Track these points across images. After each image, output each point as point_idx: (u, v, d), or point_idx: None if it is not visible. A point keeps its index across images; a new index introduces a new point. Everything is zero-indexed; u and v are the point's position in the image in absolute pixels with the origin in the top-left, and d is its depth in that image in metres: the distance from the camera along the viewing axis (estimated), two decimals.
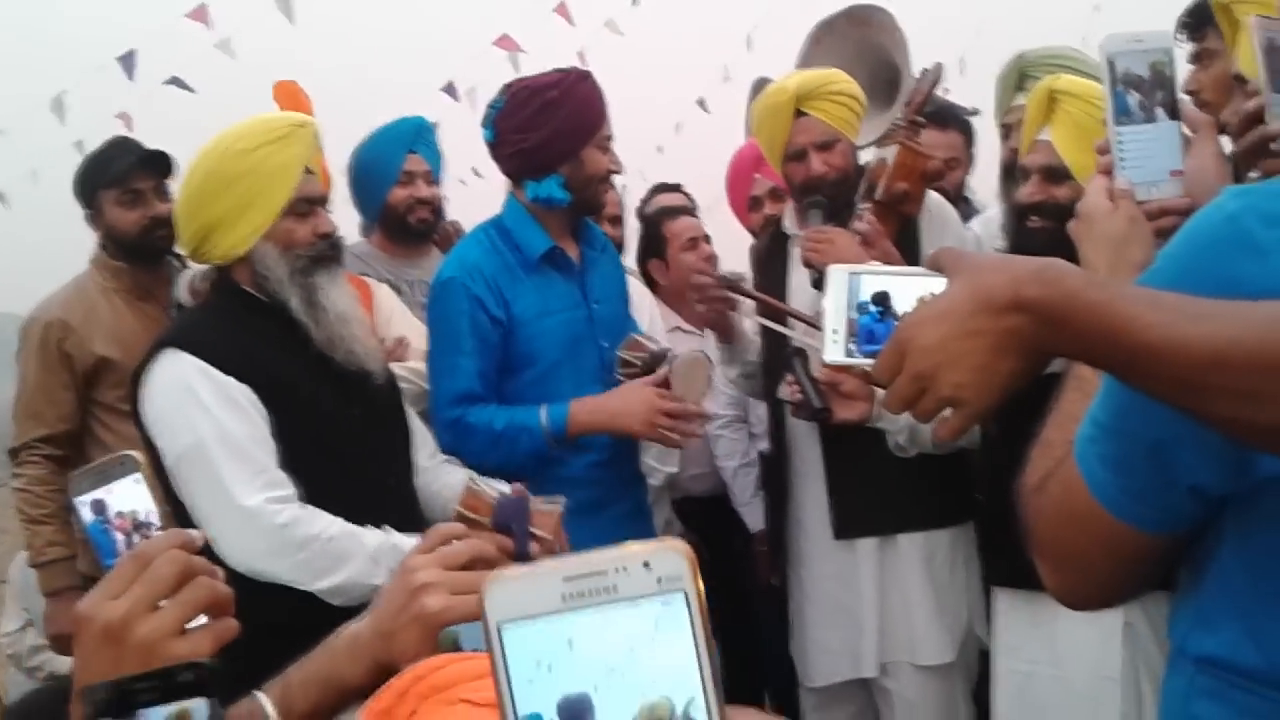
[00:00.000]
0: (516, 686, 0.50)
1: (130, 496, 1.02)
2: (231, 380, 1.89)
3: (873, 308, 1.04)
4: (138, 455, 1.03)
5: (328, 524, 1.87)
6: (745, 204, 3.17)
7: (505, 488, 2.03)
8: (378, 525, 1.94)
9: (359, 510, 1.94)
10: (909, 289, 1.02)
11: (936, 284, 0.97)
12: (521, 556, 1.95)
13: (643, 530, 2.55)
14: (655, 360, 2.35)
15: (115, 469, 1.02)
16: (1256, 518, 0.96)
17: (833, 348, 1.05)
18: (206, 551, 0.93)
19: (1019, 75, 2.58)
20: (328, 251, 2.05)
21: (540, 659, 0.50)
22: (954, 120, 3.18)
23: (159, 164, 2.84)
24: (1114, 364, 0.90)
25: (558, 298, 2.41)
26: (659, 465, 2.81)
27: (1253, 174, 1.37)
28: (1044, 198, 2.13)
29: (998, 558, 2.27)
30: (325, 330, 2.00)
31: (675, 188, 3.67)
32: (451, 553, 0.99)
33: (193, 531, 0.94)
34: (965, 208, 3.05)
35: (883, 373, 0.96)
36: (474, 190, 4.86)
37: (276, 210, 1.97)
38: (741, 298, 2.52)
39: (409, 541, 1.90)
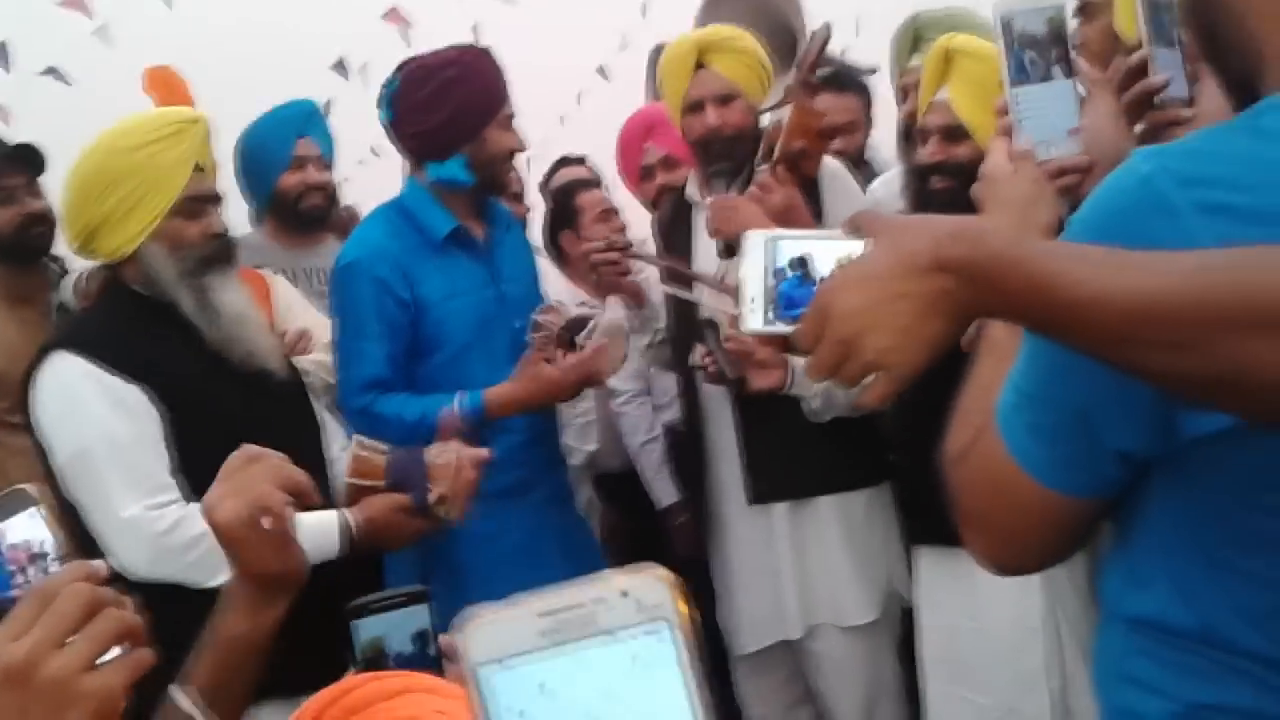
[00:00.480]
0: None
1: (27, 530, 0.98)
2: (120, 382, 1.85)
3: (791, 273, 1.01)
4: (31, 489, 1.00)
5: None
6: (637, 173, 3.11)
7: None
8: None
9: None
10: (828, 252, 1.00)
11: (856, 247, 0.95)
12: (421, 509, 1.94)
13: (567, 512, 2.52)
14: (574, 326, 2.32)
15: (9, 503, 0.98)
16: (1183, 479, 0.97)
17: (751, 316, 1.02)
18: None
19: (914, 37, 2.58)
20: (220, 251, 2.00)
21: (521, 702, 0.47)
22: (851, 84, 3.17)
23: (28, 159, 2.70)
24: (1041, 321, 0.88)
25: (465, 279, 2.36)
26: (578, 445, 2.78)
27: (1137, 128, 1.36)
28: (944, 158, 2.13)
29: (916, 517, 2.30)
30: (220, 332, 1.96)
31: (580, 160, 3.60)
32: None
33: (97, 562, 0.91)
34: (866, 170, 3.05)
35: (804, 339, 0.94)
36: (373, 170, 4.75)
37: (164, 209, 1.92)
38: (639, 262, 2.49)
39: (305, 520, 1.86)
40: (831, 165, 2.55)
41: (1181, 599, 0.99)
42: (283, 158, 2.86)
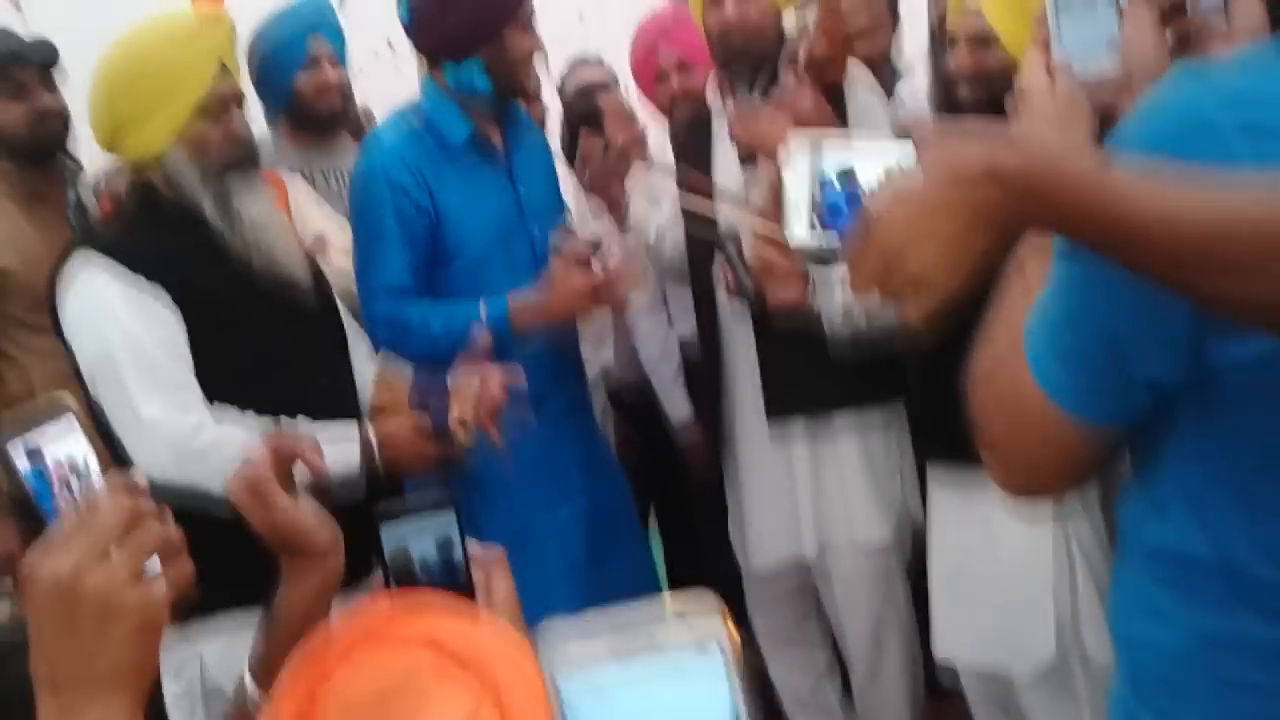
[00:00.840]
0: None
1: (65, 442, 0.97)
2: (143, 280, 1.84)
3: (838, 184, 0.99)
4: (67, 397, 0.99)
5: (233, 426, 1.85)
6: (651, 78, 3.02)
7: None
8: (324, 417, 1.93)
9: (291, 406, 1.93)
10: (875, 160, 0.98)
11: (904, 154, 0.94)
12: (440, 432, 1.94)
13: (584, 423, 2.52)
14: (590, 249, 2.29)
15: (45, 412, 0.98)
16: (1212, 408, 0.95)
17: (797, 224, 1.00)
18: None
19: None
20: (243, 155, 1.97)
21: (594, 707, 0.56)
22: None
23: (40, 53, 2.65)
24: (1099, 237, 0.86)
25: (483, 185, 2.32)
26: (593, 356, 2.77)
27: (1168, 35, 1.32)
28: (973, 66, 2.07)
29: (929, 434, 2.29)
30: (242, 238, 1.94)
31: (598, 62, 3.51)
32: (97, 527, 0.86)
33: (136, 473, 0.92)
34: (891, 73, 2.96)
35: (849, 250, 0.92)
36: (387, 64, 4.66)
37: (189, 107, 1.89)
38: (652, 172, 2.45)
39: (325, 432, 1.87)
40: (855, 71, 2.48)
41: (1201, 528, 0.98)
42: (297, 57, 2.79)
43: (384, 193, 2.24)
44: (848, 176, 0.98)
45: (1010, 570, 2.13)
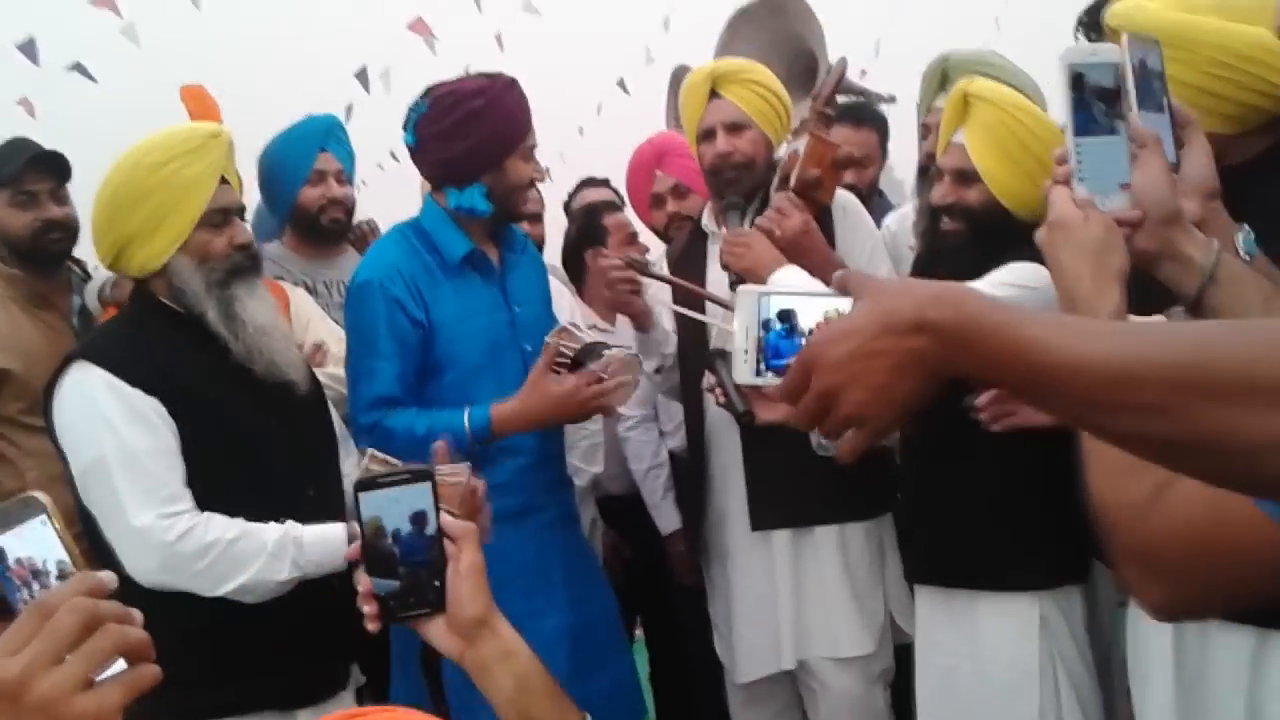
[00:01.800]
0: None
1: (33, 540, 0.97)
2: (139, 393, 1.88)
3: (778, 325, 1.05)
4: (42, 497, 0.99)
5: (225, 528, 1.89)
6: (646, 201, 3.12)
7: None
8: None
9: (278, 516, 1.95)
10: (814, 307, 1.04)
11: (843, 304, 0.98)
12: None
13: (571, 534, 2.53)
14: (586, 353, 2.32)
15: (18, 511, 0.98)
16: None
17: (743, 368, 1.06)
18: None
19: (943, 76, 2.60)
20: (245, 263, 2.04)
21: None
22: (869, 118, 3.20)
23: (54, 165, 2.72)
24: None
25: (478, 301, 2.37)
26: (584, 466, 2.80)
27: None
28: (955, 199, 2.16)
29: (917, 555, 2.31)
30: (244, 343, 1.99)
31: (604, 182, 3.61)
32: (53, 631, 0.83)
33: (103, 574, 0.90)
34: (880, 202, 3.07)
35: (788, 390, 0.98)
36: (392, 174, 4.79)
37: (191, 223, 1.96)
38: (651, 281, 2.51)
39: (310, 532, 1.93)
40: (844, 197, 2.57)
41: None
42: (304, 171, 2.89)
43: (380, 305, 2.29)
44: (788, 319, 1.04)
45: (999, 691, 2.13)
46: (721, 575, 2.62)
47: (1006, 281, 2.04)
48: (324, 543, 1.94)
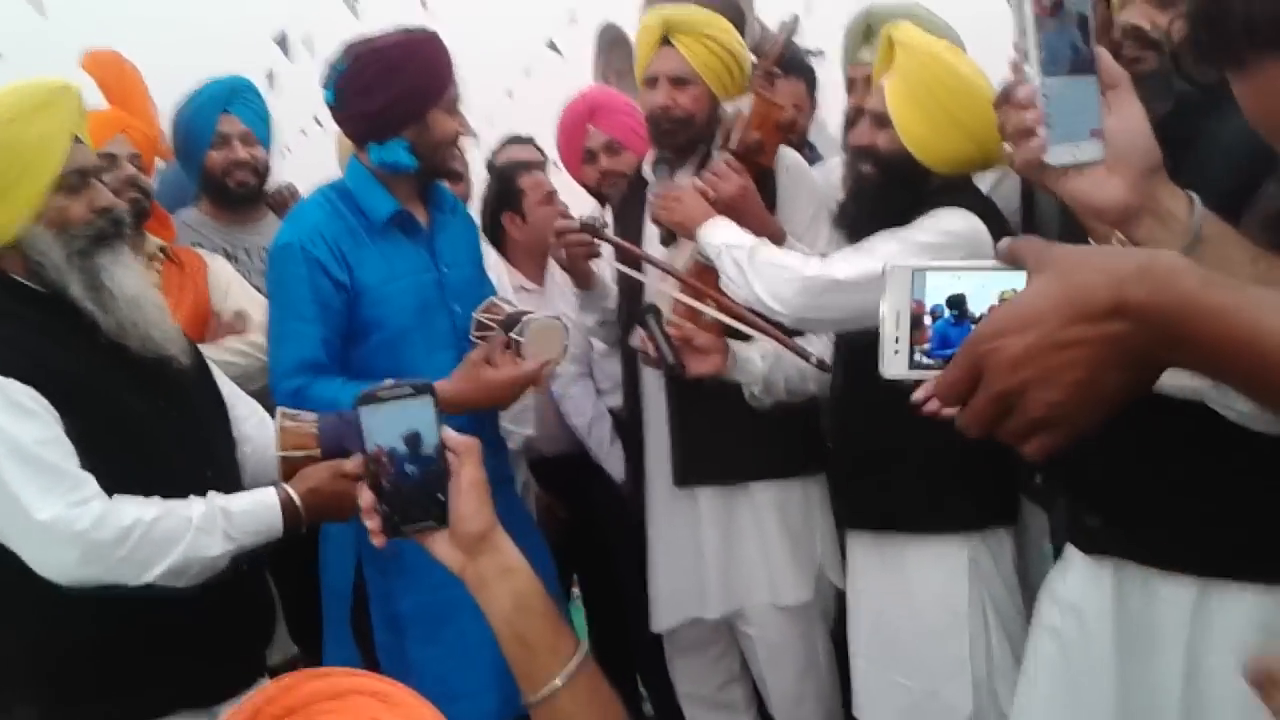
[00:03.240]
0: None
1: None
2: (13, 383, 1.68)
3: (947, 311, 0.89)
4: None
5: (142, 508, 1.74)
6: (578, 157, 3.07)
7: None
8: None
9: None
10: (986, 287, 0.88)
11: (1017, 279, 0.84)
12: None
13: (506, 495, 2.50)
14: (510, 322, 2.29)
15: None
16: None
17: (892, 360, 0.90)
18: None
19: (865, 29, 2.60)
20: (108, 228, 1.82)
21: None
22: (796, 67, 3.17)
23: None
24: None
25: (405, 262, 2.32)
26: (515, 428, 2.78)
27: None
28: (869, 142, 2.16)
29: (848, 501, 2.33)
30: (114, 316, 1.80)
31: (528, 140, 3.55)
32: None
33: None
34: (809, 155, 3.06)
35: (954, 389, 0.82)
36: (315, 140, 4.69)
37: (43, 187, 1.74)
38: (601, 243, 2.48)
39: (238, 501, 1.83)
40: (790, 157, 2.56)
41: None
42: (207, 135, 2.82)
43: (300, 268, 2.23)
44: (959, 304, 0.89)
45: (929, 633, 2.17)
46: (650, 527, 2.63)
47: (935, 229, 2.04)
48: (255, 509, 1.83)
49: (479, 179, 3.38)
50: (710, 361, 2.31)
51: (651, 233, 2.53)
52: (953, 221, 2.04)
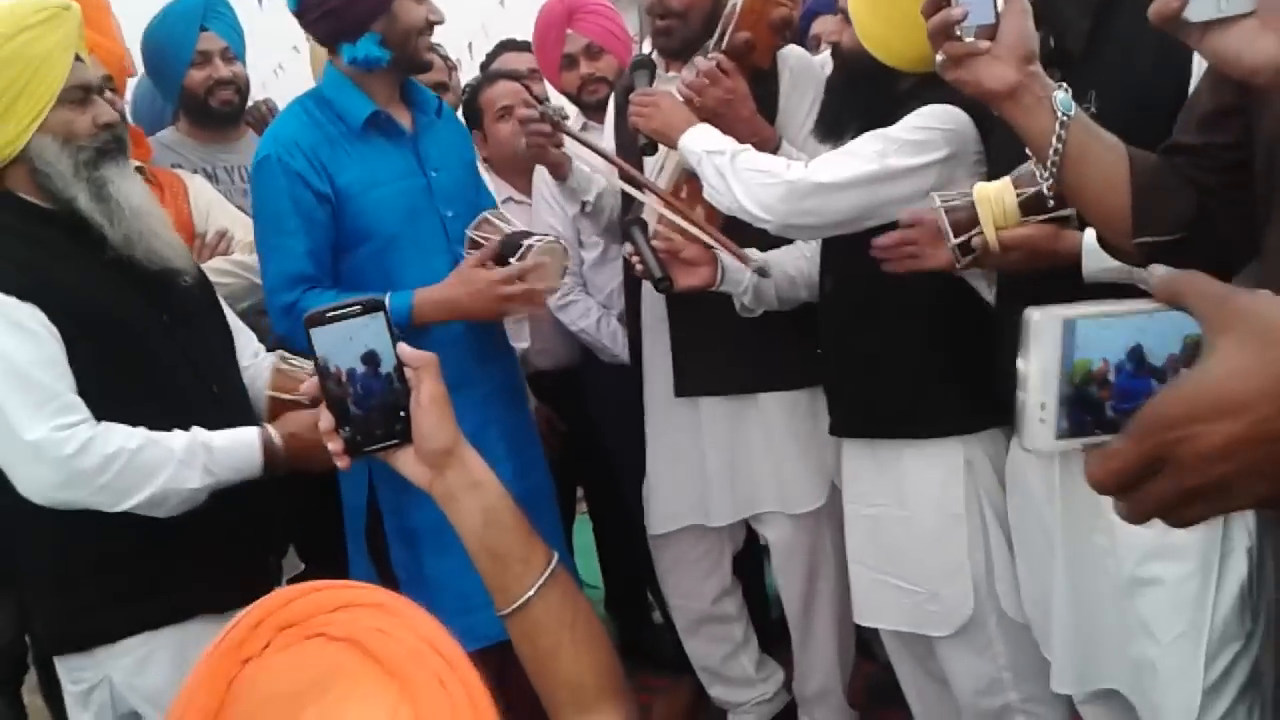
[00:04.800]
0: None
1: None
2: (13, 301, 1.72)
3: (1130, 365, 0.74)
4: None
5: (126, 438, 1.77)
6: (556, 63, 2.98)
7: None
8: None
9: (183, 419, 1.85)
10: (1164, 333, 0.72)
11: (1189, 321, 0.70)
12: None
13: (513, 407, 2.47)
14: (509, 245, 2.25)
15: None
16: None
17: (1038, 429, 0.74)
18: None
19: None
20: (112, 143, 1.87)
21: None
22: None
23: None
24: None
25: (388, 166, 2.27)
26: (511, 341, 2.75)
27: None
28: (836, 39, 2.10)
29: (842, 409, 2.30)
30: (121, 228, 1.85)
31: (524, 45, 3.37)
32: None
33: None
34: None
35: (1124, 475, 0.68)
36: (305, 59, 4.59)
37: (49, 98, 1.78)
38: (566, 136, 2.41)
39: (220, 437, 1.84)
40: (794, 56, 2.45)
41: None
42: (186, 53, 2.75)
43: (280, 181, 2.19)
44: (1138, 356, 0.73)
45: (926, 536, 2.16)
46: (650, 434, 2.62)
47: (919, 125, 1.98)
48: (236, 447, 1.85)
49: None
50: (699, 274, 2.27)
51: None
52: (936, 116, 1.98)
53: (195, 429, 1.84)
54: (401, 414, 1.10)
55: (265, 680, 0.71)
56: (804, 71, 2.44)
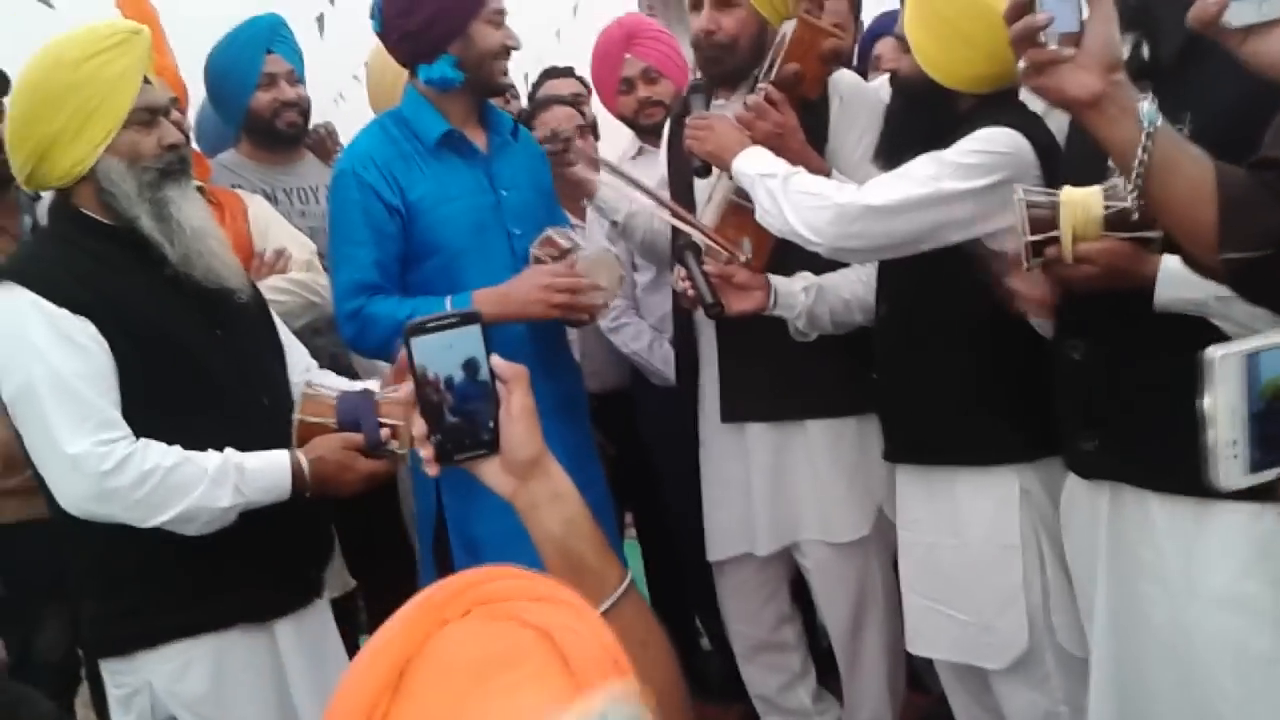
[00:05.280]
0: None
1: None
2: (67, 314, 1.77)
3: None
4: None
5: (162, 455, 1.81)
6: (614, 87, 3.00)
7: (346, 384, 2.00)
8: (258, 447, 1.89)
9: (235, 433, 1.89)
10: None
11: None
12: (375, 447, 1.94)
13: (573, 423, 2.47)
14: (566, 254, 2.30)
15: None
16: None
17: (1230, 465, 0.73)
18: None
19: None
20: (176, 164, 1.93)
21: None
22: None
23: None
24: None
25: (459, 184, 2.32)
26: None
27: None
28: (894, 67, 2.09)
29: (896, 434, 2.27)
30: (181, 248, 1.90)
31: (566, 71, 3.48)
32: None
33: None
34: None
35: None
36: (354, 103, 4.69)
37: (118, 120, 1.84)
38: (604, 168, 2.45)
39: (252, 459, 1.87)
40: (845, 83, 2.43)
41: None
42: (253, 76, 2.80)
43: (353, 193, 2.25)
44: None
45: (981, 565, 2.12)
46: (704, 459, 2.61)
47: (975, 149, 1.96)
48: (268, 470, 1.87)
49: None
50: (752, 299, 2.26)
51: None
52: (993, 139, 1.95)
53: (229, 450, 1.87)
54: (491, 424, 1.11)
55: (458, 643, 0.73)
56: (855, 98, 2.42)
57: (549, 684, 0.70)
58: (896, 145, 2.13)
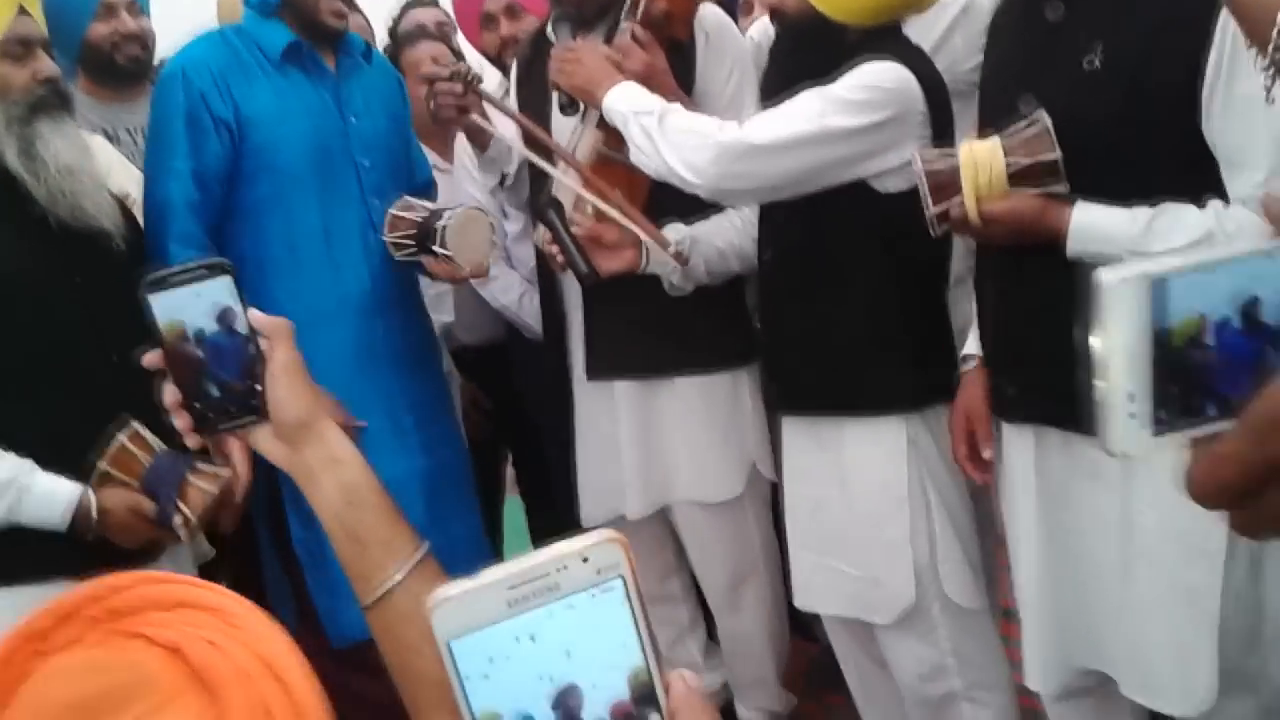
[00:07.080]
0: (472, 691, 0.55)
1: None
2: None
3: (1237, 321, 0.56)
4: None
5: None
6: (475, 21, 2.84)
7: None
8: (112, 405, 1.80)
9: (75, 384, 1.82)
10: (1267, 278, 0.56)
11: None
12: (163, 523, 1.83)
13: (425, 376, 2.37)
14: (425, 231, 2.13)
15: None
16: None
17: (1127, 425, 0.56)
18: None
19: None
20: (52, 99, 1.86)
21: (486, 666, 0.55)
22: None
23: None
24: None
25: (302, 102, 2.16)
26: (434, 315, 2.61)
27: None
28: (776, 3, 1.99)
29: (783, 384, 2.19)
30: (45, 185, 1.83)
31: (432, 2, 3.26)
32: None
33: None
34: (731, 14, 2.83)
35: (1244, 479, 0.53)
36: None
37: None
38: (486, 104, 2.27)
39: (42, 483, 1.77)
40: (711, 20, 2.31)
41: None
42: (90, 5, 2.57)
43: (179, 97, 2.10)
44: (1251, 311, 0.56)
45: (869, 517, 2.07)
46: (574, 419, 2.48)
47: (861, 84, 1.87)
48: (51, 502, 1.79)
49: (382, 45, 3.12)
50: (623, 258, 2.14)
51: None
52: (880, 75, 1.87)
53: (25, 465, 1.77)
54: (257, 387, 1.00)
55: (62, 681, 0.62)
56: (721, 35, 2.31)
57: (179, 712, 0.60)
58: (783, 83, 2.02)
